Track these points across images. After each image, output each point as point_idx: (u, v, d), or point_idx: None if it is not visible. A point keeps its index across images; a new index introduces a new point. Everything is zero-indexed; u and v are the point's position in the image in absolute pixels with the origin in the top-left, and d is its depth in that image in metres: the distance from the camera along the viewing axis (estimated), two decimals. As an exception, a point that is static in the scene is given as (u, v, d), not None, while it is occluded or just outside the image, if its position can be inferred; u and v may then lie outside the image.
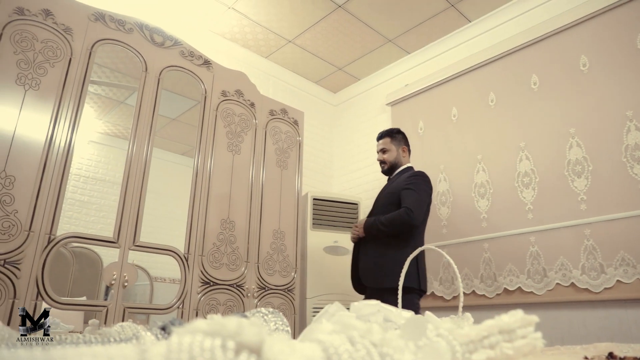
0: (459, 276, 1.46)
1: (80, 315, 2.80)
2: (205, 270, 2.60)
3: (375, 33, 3.70)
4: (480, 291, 2.94)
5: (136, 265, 2.45)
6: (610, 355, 0.93)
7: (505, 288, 2.81)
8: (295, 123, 3.40)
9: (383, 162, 2.77)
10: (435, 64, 3.79)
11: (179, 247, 2.55)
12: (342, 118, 4.63)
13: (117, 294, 2.26)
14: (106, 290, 2.87)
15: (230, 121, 2.97)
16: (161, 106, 2.67)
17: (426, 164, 3.53)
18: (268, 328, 0.78)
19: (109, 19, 2.55)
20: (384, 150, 2.77)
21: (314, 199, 3.63)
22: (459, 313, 1.39)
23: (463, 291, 1.55)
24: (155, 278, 3.32)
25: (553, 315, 2.61)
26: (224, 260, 2.70)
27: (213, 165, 2.80)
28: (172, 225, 2.92)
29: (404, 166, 2.75)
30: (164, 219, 3.08)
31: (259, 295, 2.81)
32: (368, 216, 2.72)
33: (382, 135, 2.81)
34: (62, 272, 2.89)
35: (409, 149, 2.83)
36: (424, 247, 1.47)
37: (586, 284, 2.48)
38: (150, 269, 3.29)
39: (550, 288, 2.62)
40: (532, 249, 2.74)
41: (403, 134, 2.84)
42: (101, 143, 3.36)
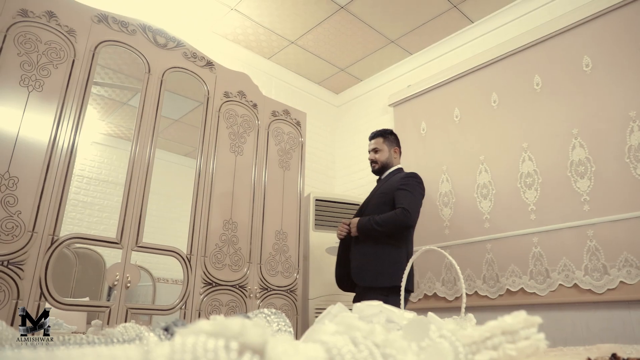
0: (461, 277, 1.46)
1: (83, 316, 2.81)
2: (207, 271, 2.60)
3: (377, 34, 3.70)
4: (482, 292, 2.93)
5: (139, 266, 2.46)
6: (614, 357, 0.93)
7: (508, 289, 2.81)
8: (298, 124, 3.40)
9: (374, 162, 2.79)
10: (437, 64, 3.79)
11: (182, 248, 2.55)
12: (345, 119, 4.63)
13: (120, 295, 2.26)
14: (109, 291, 2.87)
15: (232, 122, 2.98)
16: (164, 107, 2.67)
17: (428, 165, 3.52)
18: (271, 329, 0.78)
19: (112, 20, 2.56)
20: (375, 150, 2.79)
21: (316, 199, 3.63)
22: (461, 314, 1.38)
23: (465, 292, 1.55)
24: (158, 279, 3.32)
25: (556, 316, 2.60)
26: (227, 261, 2.70)
27: (216, 166, 2.80)
28: (175, 226, 2.92)
29: (395, 167, 2.77)
30: (167, 219, 3.08)
31: (261, 296, 2.81)
32: (357, 215, 2.72)
33: (375, 135, 2.84)
34: (65, 273, 2.90)
35: (400, 151, 2.86)
36: (426, 248, 1.47)
37: (589, 285, 2.47)
38: (153, 270, 3.29)
39: (553, 289, 2.62)
40: (535, 250, 2.74)
41: (395, 136, 2.87)
42: (104, 144, 3.37)
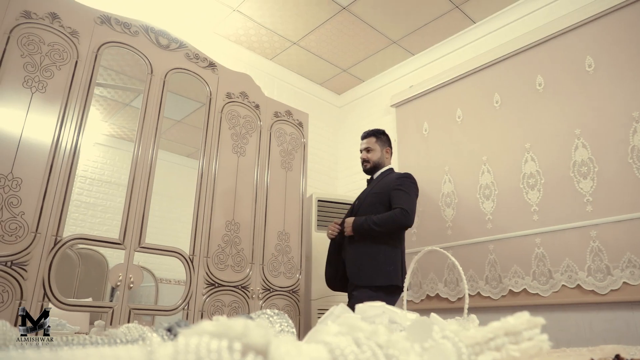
0: (464, 278, 1.46)
1: (86, 317, 2.82)
2: (210, 272, 2.61)
3: (379, 34, 3.70)
4: (485, 293, 2.93)
5: (141, 266, 2.46)
6: (617, 358, 0.93)
7: (511, 290, 2.80)
8: (300, 125, 3.40)
9: (366, 161, 2.79)
10: (440, 65, 3.79)
11: (184, 249, 2.56)
12: (347, 120, 4.63)
13: (123, 295, 2.27)
14: (112, 292, 2.88)
15: (235, 123, 2.98)
16: (166, 108, 2.68)
17: (431, 166, 3.52)
18: (273, 330, 0.78)
19: (115, 21, 2.57)
20: (368, 150, 2.80)
21: (319, 200, 3.63)
22: (464, 315, 1.38)
23: (468, 293, 1.55)
24: (161, 279, 3.32)
25: (559, 317, 2.59)
26: (229, 262, 2.71)
27: (218, 166, 2.81)
28: (178, 226, 2.93)
29: (386, 167, 2.78)
30: (169, 220, 3.09)
31: (263, 297, 2.81)
32: (349, 215, 2.72)
33: (367, 135, 2.84)
34: (68, 274, 2.90)
35: (391, 151, 2.88)
36: (429, 249, 1.47)
37: (592, 286, 2.47)
38: (156, 271, 3.30)
39: (556, 290, 2.61)
40: (538, 251, 2.73)
41: (387, 136, 2.88)
42: (107, 145, 3.38)
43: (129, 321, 2.25)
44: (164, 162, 2.77)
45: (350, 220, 2.58)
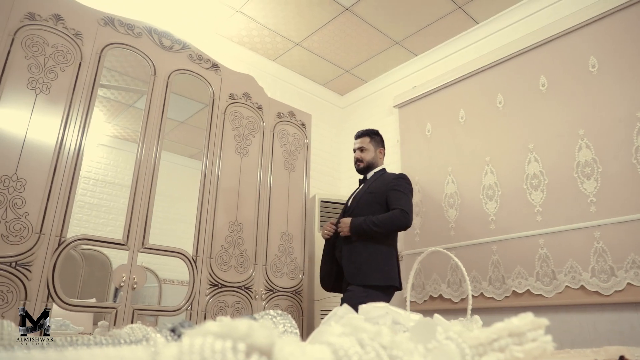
0: (467, 278, 1.46)
1: (89, 317, 2.83)
2: (213, 273, 2.61)
3: (382, 35, 3.70)
4: (488, 294, 2.92)
5: (145, 267, 2.47)
6: (622, 359, 0.93)
7: (514, 291, 2.80)
8: (303, 125, 3.41)
9: (360, 160, 2.80)
10: (442, 65, 3.78)
11: (188, 250, 2.56)
12: (350, 120, 4.63)
13: (126, 296, 2.27)
14: (115, 292, 2.89)
15: (238, 124, 2.99)
16: (170, 109, 2.69)
17: (434, 166, 3.52)
18: (277, 330, 0.79)
19: (118, 23, 2.58)
20: (362, 149, 2.81)
21: (322, 201, 3.63)
22: (467, 316, 1.38)
23: (471, 294, 1.55)
24: (164, 280, 3.33)
25: (563, 318, 2.58)
26: (232, 263, 2.71)
27: (221, 167, 2.81)
28: (181, 227, 2.93)
29: (379, 167, 2.80)
30: (173, 221, 3.10)
31: (266, 298, 2.81)
32: (344, 214, 2.72)
33: (361, 134, 2.85)
34: (72, 274, 2.92)
35: (385, 152, 2.90)
36: (432, 249, 1.47)
37: (596, 287, 2.46)
38: (159, 271, 3.31)
39: (559, 291, 2.60)
40: (541, 252, 2.72)
41: (381, 137, 2.90)
42: (110, 146, 3.40)
43: (132, 322, 2.25)
44: (167, 163, 2.78)
45: (347, 220, 2.57)
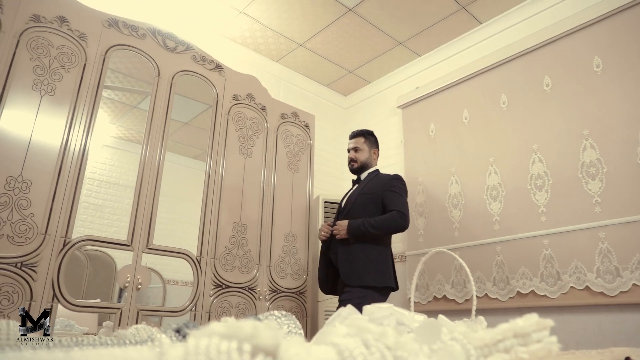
0: (471, 279, 1.46)
1: (94, 317, 2.84)
2: (217, 273, 2.61)
3: (385, 36, 3.70)
4: (492, 294, 2.91)
5: (149, 268, 2.47)
6: (627, 360, 0.92)
7: (519, 291, 2.79)
8: (307, 126, 3.41)
9: (354, 161, 2.80)
10: (446, 66, 3.78)
11: (192, 250, 2.57)
12: (353, 121, 4.63)
13: (131, 297, 2.28)
14: (120, 293, 2.90)
15: (241, 125, 2.99)
16: (173, 110, 2.69)
17: (437, 167, 3.51)
18: (281, 331, 0.79)
19: (123, 24, 2.59)
20: (356, 149, 2.81)
21: (325, 201, 3.63)
22: (472, 316, 1.38)
23: (476, 294, 1.54)
24: (168, 281, 3.34)
25: (567, 319, 2.57)
26: (236, 263, 2.72)
27: (225, 168, 2.82)
28: (185, 228, 2.94)
29: (373, 169, 2.80)
30: (177, 222, 3.10)
31: (270, 298, 2.81)
32: (339, 215, 2.71)
33: (356, 135, 2.86)
34: (77, 275, 2.93)
35: (379, 153, 2.91)
36: (436, 250, 1.46)
37: (601, 288, 2.45)
38: (163, 272, 3.32)
39: (564, 291, 2.59)
40: (546, 252, 2.71)
41: (375, 138, 2.91)
42: (115, 147, 3.41)
43: (137, 322, 2.26)
44: (172, 164, 2.79)
45: (344, 223, 2.55)
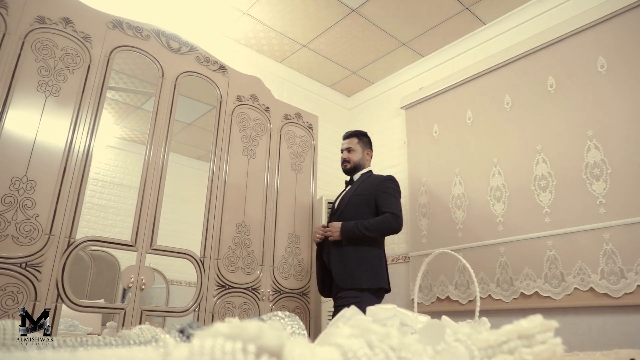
0: (475, 280, 1.45)
1: (98, 318, 2.85)
2: (220, 274, 2.62)
3: (389, 36, 3.69)
4: (496, 295, 2.90)
5: (153, 268, 2.48)
6: (632, 362, 0.92)
7: (522, 292, 2.78)
8: (310, 127, 3.41)
9: (347, 161, 2.80)
10: (450, 66, 3.77)
11: (195, 251, 2.57)
12: (357, 122, 4.63)
13: (135, 297, 2.29)
14: (123, 293, 2.91)
15: (245, 125, 3.00)
16: (177, 111, 2.70)
17: (441, 167, 3.50)
18: (285, 332, 0.79)
19: (127, 26, 2.60)
20: (349, 150, 2.81)
21: (329, 202, 3.63)
22: (475, 318, 1.37)
23: (479, 295, 1.54)
24: (172, 281, 3.35)
25: (571, 320, 2.56)
26: (240, 264, 2.72)
27: (228, 169, 2.82)
28: (189, 228, 2.95)
29: (366, 169, 2.80)
30: (181, 222, 3.11)
31: (274, 299, 2.82)
32: (332, 217, 2.71)
33: (349, 135, 2.86)
34: (81, 275, 2.94)
35: (372, 154, 2.91)
36: (439, 251, 1.46)
37: (606, 289, 2.44)
38: (167, 272, 3.33)
39: (568, 293, 2.58)
40: (550, 253, 2.70)
41: (369, 138, 2.91)
42: (119, 148, 3.42)
43: (140, 322, 2.27)
44: (175, 165, 2.79)
45: (337, 225, 2.54)
